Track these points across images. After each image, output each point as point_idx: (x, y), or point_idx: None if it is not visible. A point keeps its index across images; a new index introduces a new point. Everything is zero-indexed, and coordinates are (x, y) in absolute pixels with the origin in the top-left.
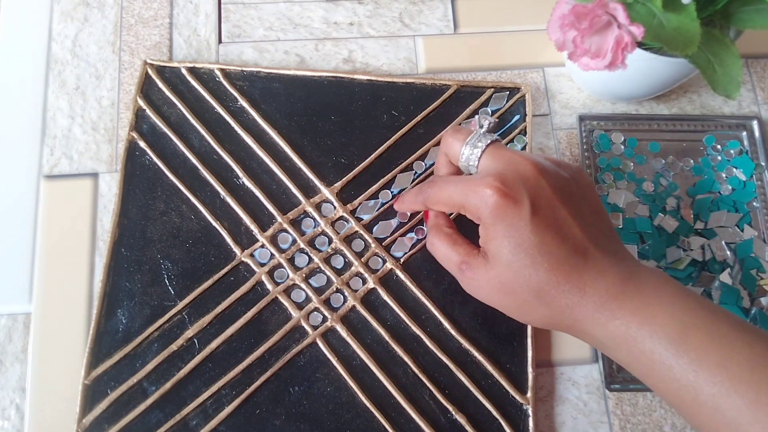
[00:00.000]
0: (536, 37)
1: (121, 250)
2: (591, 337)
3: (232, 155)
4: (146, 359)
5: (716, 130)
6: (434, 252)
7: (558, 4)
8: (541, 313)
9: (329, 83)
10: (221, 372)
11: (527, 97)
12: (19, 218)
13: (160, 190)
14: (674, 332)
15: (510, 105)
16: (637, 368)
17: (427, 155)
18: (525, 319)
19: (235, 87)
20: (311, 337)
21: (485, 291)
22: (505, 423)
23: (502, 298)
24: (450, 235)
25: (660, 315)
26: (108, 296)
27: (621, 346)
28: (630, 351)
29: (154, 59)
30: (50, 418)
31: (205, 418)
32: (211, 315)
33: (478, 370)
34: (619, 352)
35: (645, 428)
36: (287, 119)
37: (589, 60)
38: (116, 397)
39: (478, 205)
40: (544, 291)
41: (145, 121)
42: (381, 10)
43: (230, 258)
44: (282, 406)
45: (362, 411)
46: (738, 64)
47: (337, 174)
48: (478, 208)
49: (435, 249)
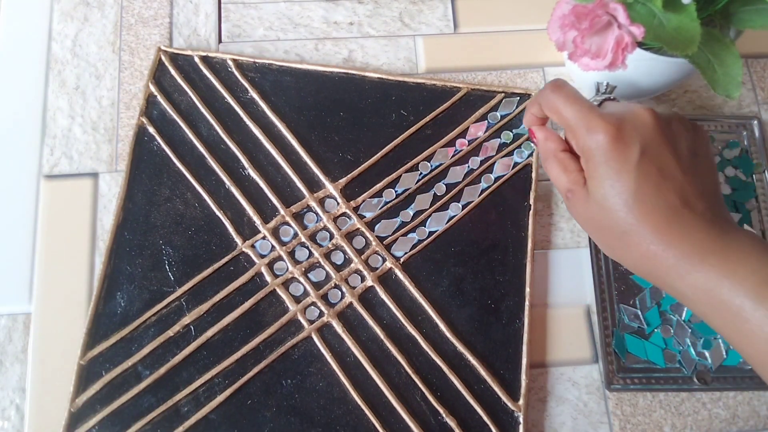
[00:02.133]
0: (536, 37)
1: (124, 233)
2: (670, 287)
3: (240, 146)
4: (142, 343)
5: (716, 131)
6: (547, 172)
7: (558, 5)
8: (623, 255)
9: (340, 79)
10: (215, 360)
11: None
12: (19, 218)
13: (166, 176)
14: (753, 286)
15: (519, 110)
16: (714, 320)
17: (433, 156)
18: (612, 256)
19: (247, 78)
20: (307, 331)
21: (582, 220)
22: (495, 429)
23: (593, 232)
24: (563, 159)
25: (741, 270)
26: (108, 278)
27: (700, 297)
28: (709, 302)
29: (167, 46)
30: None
31: (197, 405)
32: (208, 303)
33: (472, 374)
34: (698, 303)
35: (645, 428)
36: (296, 113)
37: (590, 60)
38: (110, 379)
39: (589, 142)
40: (629, 236)
41: (155, 107)
42: (381, 9)
43: (231, 248)
44: (274, 398)
45: (353, 408)
46: (738, 64)
47: (343, 170)
48: (587, 144)
49: (548, 170)
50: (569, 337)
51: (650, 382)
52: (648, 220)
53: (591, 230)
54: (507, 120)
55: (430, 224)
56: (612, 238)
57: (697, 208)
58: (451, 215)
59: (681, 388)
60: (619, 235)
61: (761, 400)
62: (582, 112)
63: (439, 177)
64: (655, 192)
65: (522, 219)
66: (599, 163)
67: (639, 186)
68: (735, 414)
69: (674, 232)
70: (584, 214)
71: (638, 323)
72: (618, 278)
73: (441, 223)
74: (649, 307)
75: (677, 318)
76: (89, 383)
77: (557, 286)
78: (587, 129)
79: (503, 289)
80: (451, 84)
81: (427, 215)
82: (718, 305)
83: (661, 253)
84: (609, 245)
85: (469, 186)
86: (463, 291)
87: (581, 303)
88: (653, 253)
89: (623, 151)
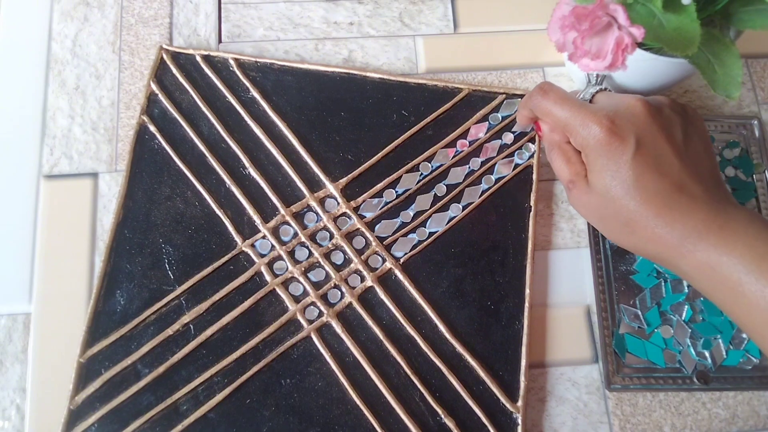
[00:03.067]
0: (536, 37)
1: (124, 231)
2: (675, 267)
3: (240, 145)
4: (142, 341)
5: (716, 131)
6: (551, 163)
7: (558, 6)
8: (629, 240)
9: (341, 79)
10: (215, 359)
11: None
12: (19, 218)
13: (167, 175)
14: (751, 260)
15: None
16: (716, 296)
17: (434, 157)
18: (617, 242)
19: (248, 77)
20: (306, 330)
21: (584, 211)
22: (493, 430)
23: (597, 222)
24: (566, 151)
25: (740, 246)
26: (108, 277)
27: (702, 275)
28: (710, 279)
29: (169, 45)
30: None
31: (196, 404)
32: (208, 302)
33: (471, 375)
34: (701, 281)
35: (645, 428)
36: (297, 112)
37: (590, 61)
38: (110, 377)
39: (586, 137)
40: (633, 221)
41: (156, 106)
42: (381, 9)
43: (231, 247)
44: (272, 397)
45: (352, 408)
46: (738, 64)
47: (343, 170)
48: (584, 140)
49: (552, 161)
50: (569, 337)
51: (650, 382)
52: (650, 205)
53: (594, 219)
54: (508, 121)
55: (431, 225)
56: (617, 225)
57: (695, 191)
58: (452, 216)
59: (681, 388)
60: (624, 222)
61: (761, 400)
62: (574, 110)
63: (440, 178)
64: (655, 178)
65: (522, 220)
66: (598, 156)
67: (638, 175)
68: (735, 414)
69: (675, 214)
70: (587, 204)
71: (638, 323)
72: (618, 278)
73: (441, 224)
74: (649, 307)
75: (677, 318)
76: (89, 381)
77: (557, 287)
78: (582, 125)
79: (503, 291)
80: (452, 85)
81: (428, 216)
82: (718, 282)
83: (665, 236)
84: (614, 232)
85: (469, 187)
86: (463, 292)
87: (581, 303)
88: (658, 236)
89: (619, 143)
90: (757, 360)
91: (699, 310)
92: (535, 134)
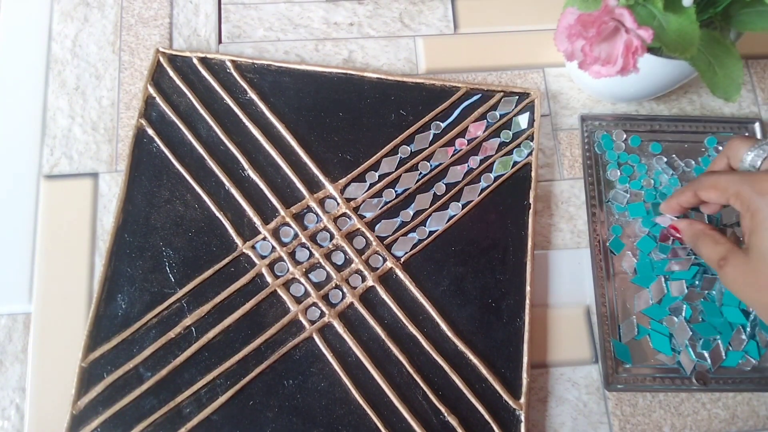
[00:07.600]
0: (536, 37)
1: (124, 235)
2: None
3: (239, 147)
4: (144, 345)
5: (718, 132)
6: (698, 253)
7: (563, 15)
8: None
9: (339, 80)
10: (217, 362)
11: (536, 103)
12: (19, 218)
13: (166, 178)
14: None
15: (519, 110)
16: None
17: (433, 156)
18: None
19: (246, 79)
20: (308, 331)
21: (739, 284)
22: (496, 427)
23: (753, 294)
24: (712, 235)
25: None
26: (109, 281)
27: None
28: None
29: (166, 48)
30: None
31: (199, 406)
32: (209, 305)
33: (473, 373)
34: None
35: (644, 428)
36: (295, 113)
37: (601, 67)
38: (112, 381)
39: (757, 198)
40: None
41: (154, 109)
42: (381, 10)
43: (232, 249)
44: (275, 398)
45: (355, 408)
46: (738, 66)
47: (343, 170)
48: (751, 195)
49: (698, 250)
50: (569, 337)
51: (650, 382)
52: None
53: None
54: (506, 119)
55: (430, 224)
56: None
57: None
58: (451, 215)
59: (680, 389)
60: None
61: (760, 400)
62: (739, 174)
63: (439, 177)
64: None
65: (522, 218)
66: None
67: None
68: (734, 414)
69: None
70: (743, 276)
71: (639, 323)
72: (618, 278)
73: (441, 223)
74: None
75: (677, 318)
76: (91, 385)
77: (557, 287)
78: (752, 183)
79: (504, 288)
80: (450, 84)
81: (427, 215)
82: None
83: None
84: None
85: (468, 185)
86: (464, 290)
87: (581, 303)
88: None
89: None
90: (756, 361)
91: (699, 310)
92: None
